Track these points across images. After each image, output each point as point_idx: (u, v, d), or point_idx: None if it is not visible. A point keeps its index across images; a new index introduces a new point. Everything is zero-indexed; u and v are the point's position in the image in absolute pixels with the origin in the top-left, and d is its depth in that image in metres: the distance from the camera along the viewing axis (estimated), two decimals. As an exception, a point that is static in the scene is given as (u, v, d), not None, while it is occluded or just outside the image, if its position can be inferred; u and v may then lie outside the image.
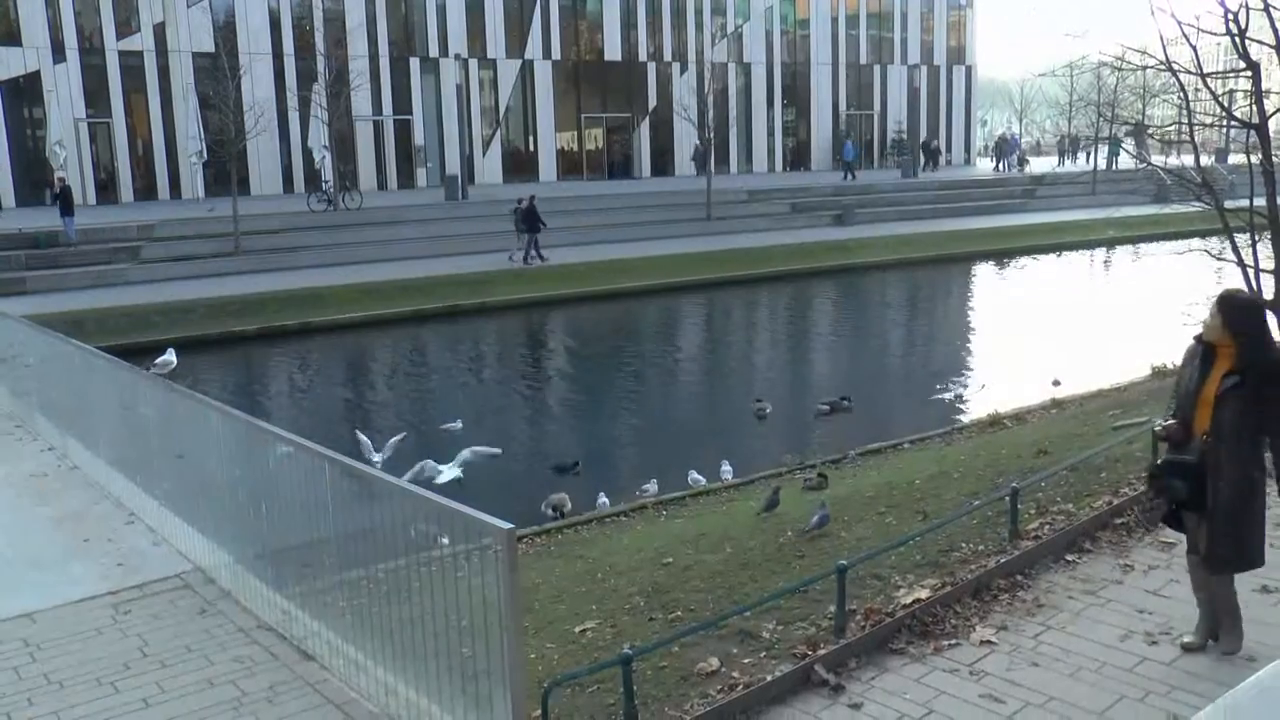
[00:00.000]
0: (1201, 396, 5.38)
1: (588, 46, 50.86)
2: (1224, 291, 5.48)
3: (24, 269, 27.15)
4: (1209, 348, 5.40)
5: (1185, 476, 5.42)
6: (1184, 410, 5.48)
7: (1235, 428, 5.25)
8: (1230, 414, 5.25)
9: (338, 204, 34.82)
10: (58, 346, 11.16)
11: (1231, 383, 5.25)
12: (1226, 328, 5.30)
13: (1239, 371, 5.24)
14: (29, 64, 39.17)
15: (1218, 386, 5.30)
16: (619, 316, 27.04)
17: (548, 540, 10.13)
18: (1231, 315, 5.31)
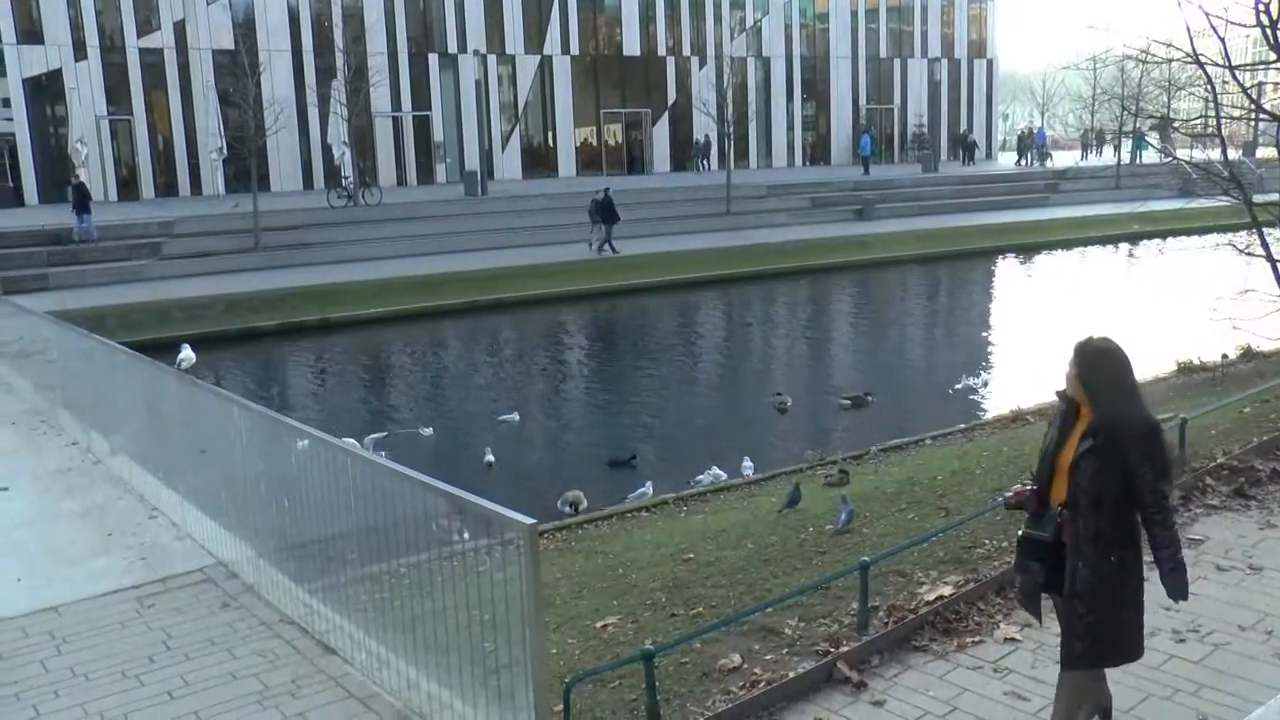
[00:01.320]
0: (1058, 461, 4.52)
1: (606, 41, 50.85)
2: (1082, 339, 4.59)
3: (46, 265, 27.33)
4: (1071, 404, 4.55)
5: (1041, 556, 4.57)
6: (1041, 477, 4.62)
7: (1093, 499, 4.34)
8: (1086, 482, 4.35)
9: (357, 200, 34.90)
10: (80, 342, 11.23)
11: (1086, 446, 4.37)
12: (1079, 380, 4.47)
13: (1092, 433, 4.38)
14: (51, 62, 39.42)
15: (1075, 450, 4.43)
16: (637, 312, 27.02)
17: (568, 535, 10.12)
18: (1082, 366, 4.47)
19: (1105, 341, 4.51)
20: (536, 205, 36.24)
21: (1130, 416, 4.33)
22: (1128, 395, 4.40)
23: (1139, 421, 4.32)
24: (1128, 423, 4.30)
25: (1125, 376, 4.44)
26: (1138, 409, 4.37)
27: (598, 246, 30.97)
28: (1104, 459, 4.30)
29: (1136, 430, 4.29)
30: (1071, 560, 4.43)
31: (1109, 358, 4.44)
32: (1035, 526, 4.61)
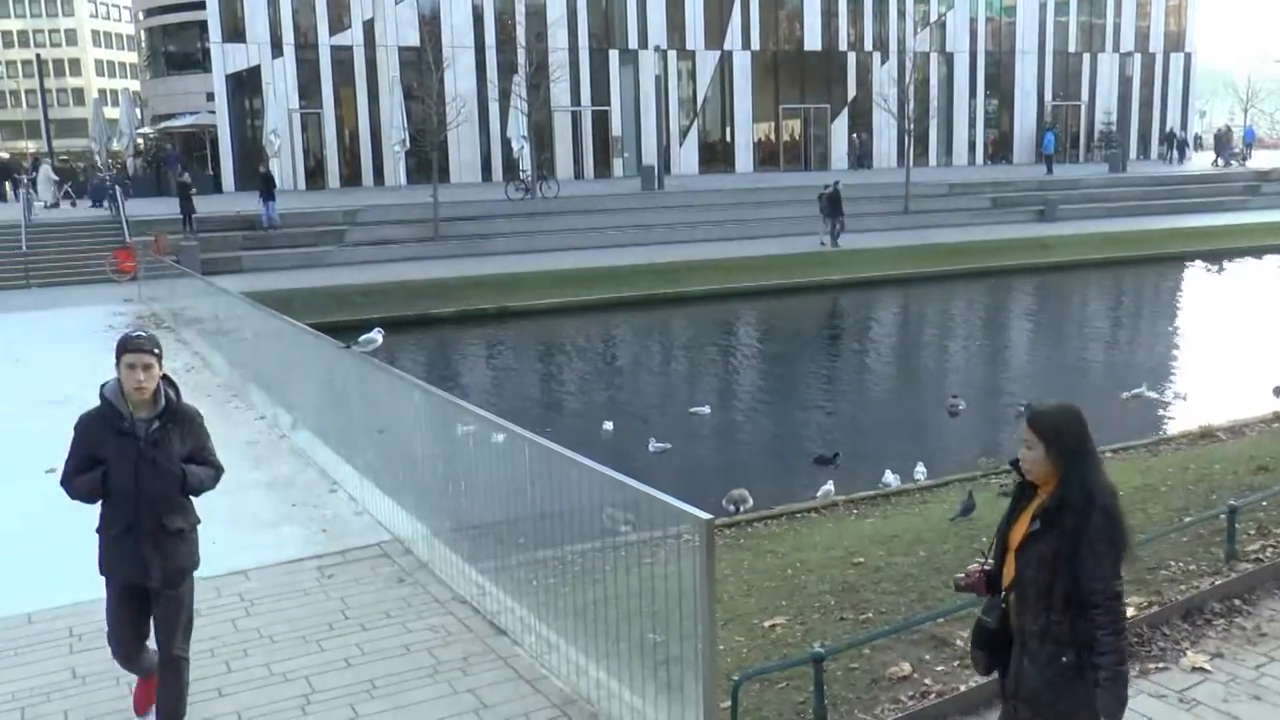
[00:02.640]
0: (1008, 540, 3.83)
1: (787, 36, 50.50)
2: (1034, 408, 3.84)
3: (240, 249, 28.88)
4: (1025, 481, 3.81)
5: (984, 644, 3.96)
6: (996, 556, 3.92)
7: (1043, 588, 3.65)
8: (1034, 570, 3.68)
9: (535, 192, 35.58)
10: (270, 322, 11.77)
11: (1036, 526, 3.68)
12: (1049, 453, 3.66)
13: (1046, 511, 3.66)
14: (251, 59, 41.63)
15: (1025, 530, 3.74)
16: (812, 309, 26.73)
17: (738, 532, 10.06)
18: (1051, 436, 3.67)
19: (1064, 406, 3.80)
20: (714, 200, 36.27)
21: (1100, 491, 3.62)
22: (1096, 465, 3.70)
23: (1106, 498, 3.61)
24: (1096, 500, 3.59)
25: (1090, 442, 3.72)
26: (1106, 482, 3.68)
27: (830, 240, 31.31)
28: (1058, 542, 3.59)
29: (1102, 508, 3.58)
30: (1016, 658, 3.80)
31: (1076, 423, 3.71)
32: (984, 611, 3.96)
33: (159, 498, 4.81)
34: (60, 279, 26.46)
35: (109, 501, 4.84)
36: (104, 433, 4.77)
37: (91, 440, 4.81)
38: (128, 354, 4.77)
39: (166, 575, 4.90)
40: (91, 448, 4.80)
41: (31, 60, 77.55)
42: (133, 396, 4.78)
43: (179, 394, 4.97)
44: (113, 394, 4.82)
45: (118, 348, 4.82)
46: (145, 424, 4.78)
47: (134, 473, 4.74)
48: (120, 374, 4.80)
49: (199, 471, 4.97)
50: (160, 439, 4.80)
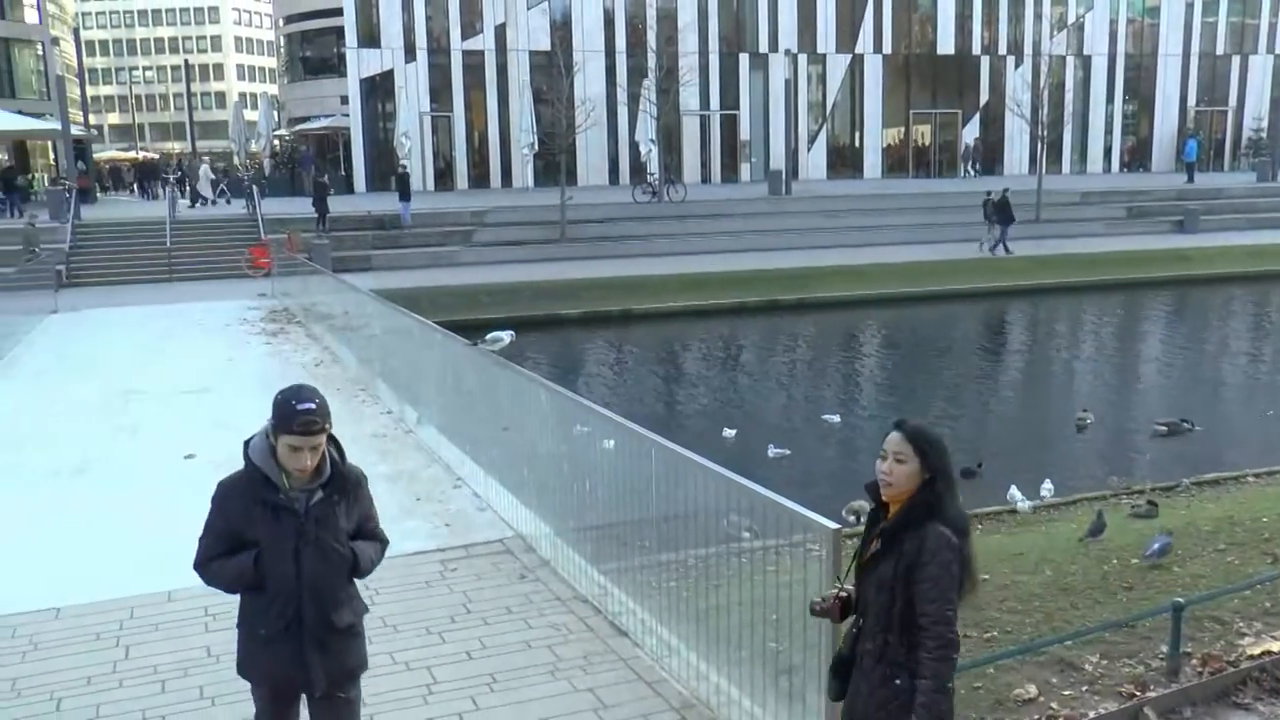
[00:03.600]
0: (859, 564, 3.68)
1: (919, 39, 49.74)
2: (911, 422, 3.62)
3: (370, 248, 29.65)
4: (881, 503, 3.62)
5: (837, 670, 3.77)
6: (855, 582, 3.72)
7: (882, 608, 3.50)
8: (874, 592, 3.54)
9: (662, 196, 35.71)
10: (399, 320, 12.04)
11: (878, 548, 3.54)
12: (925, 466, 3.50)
13: (890, 531, 3.52)
14: (384, 63, 42.77)
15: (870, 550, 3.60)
16: (936, 319, 26.25)
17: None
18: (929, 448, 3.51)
19: (931, 425, 3.65)
20: (841, 206, 35.94)
21: (948, 514, 3.47)
22: (954, 489, 3.56)
23: (951, 522, 3.46)
24: (940, 521, 3.43)
25: (952, 463, 3.59)
26: (958, 508, 3.54)
27: (990, 247, 31.05)
28: (897, 563, 3.44)
29: (942, 532, 3.41)
30: (855, 680, 3.65)
31: (943, 442, 3.59)
32: (844, 639, 3.82)
33: (326, 587, 3.85)
34: (200, 274, 27.55)
35: (259, 593, 3.84)
36: (253, 506, 3.78)
37: (236, 515, 3.81)
38: (293, 435, 3.69)
39: (333, 680, 3.98)
40: (236, 524, 3.81)
41: (179, 66, 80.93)
42: (294, 476, 3.78)
43: (343, 453, 3.95)
44: (263, 459, 3.77)
45: (279, 418, 3.72)
46: (306, 496, 3.80)
47: (294, 557, 3.77)
48: (277, 447, 3.75)
49: (369, 550, 4.02)
50: (325, 515, 3.83)
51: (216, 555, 3.86)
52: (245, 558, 3.79)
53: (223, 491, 3.87)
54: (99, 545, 7.93)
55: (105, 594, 6.90)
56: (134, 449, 10.75)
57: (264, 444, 3.79)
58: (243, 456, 3.83)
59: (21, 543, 8.03)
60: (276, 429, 3.71)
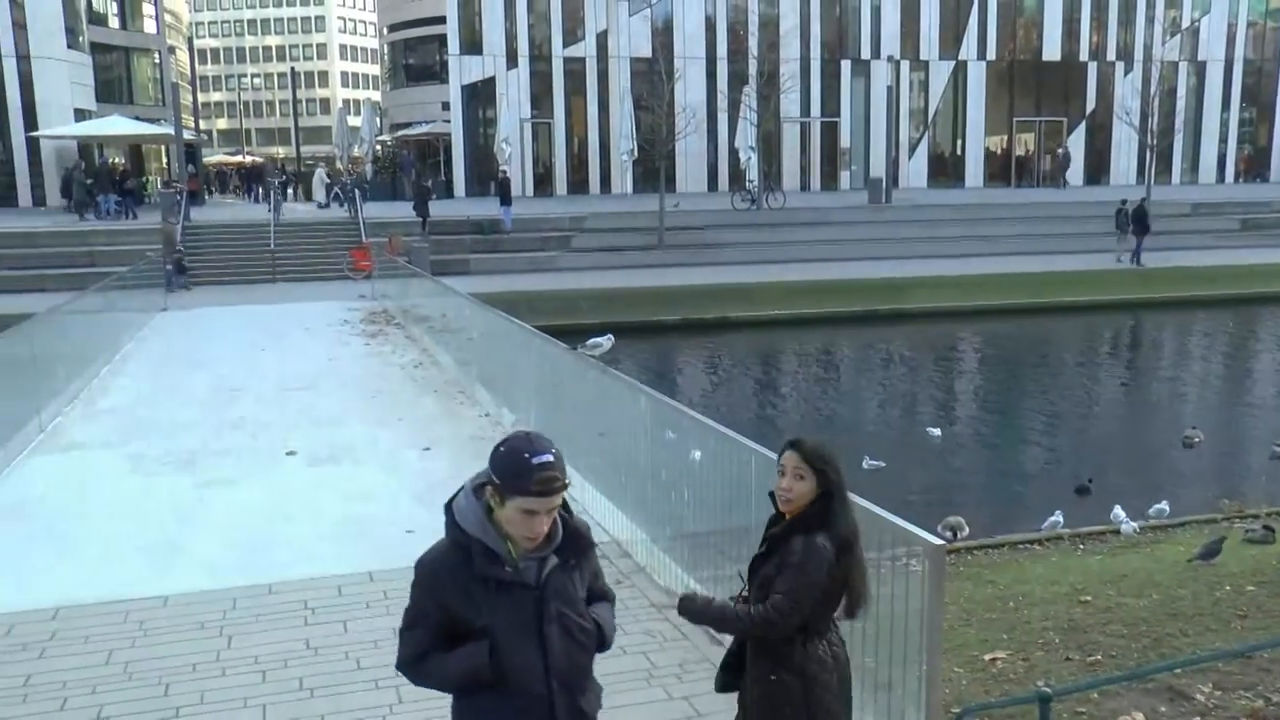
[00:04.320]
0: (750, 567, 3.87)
1: (1024, 45, 48.78)
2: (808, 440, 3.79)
3: (469, 252, 30.04)
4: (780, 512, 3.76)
5: (728, 668, 3.95)
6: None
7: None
8: (756, 590, 3.72)
9: (761, 204, 35.57)
10: (498, 323, 12.14)
11: (762, 549, 3.78)
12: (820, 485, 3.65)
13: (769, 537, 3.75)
14: (486, 70, 43.36)
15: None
16: (1037, 332, 25.70)
17: (956, 559, 9.75)
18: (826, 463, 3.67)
19: (825, 441, 3.81)
20: (942, 215, 35.48)
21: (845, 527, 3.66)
22: (847, 503, 3.75)
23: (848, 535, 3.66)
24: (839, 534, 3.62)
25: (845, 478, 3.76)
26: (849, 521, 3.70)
27: (1130, 257, 30.60)
28: (778, 565, 3.61)
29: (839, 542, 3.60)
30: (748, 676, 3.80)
31: (838, 458, 3.75)
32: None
33: (576, 674, 3.11)
34: (302, 275, 28.20)
35: (493, 693, 3.03)
36: (472, 585, 2.96)
37: (453, 598, 2.98)
38: (529, 497, 2.88)
39: None
40: (455, 609, 2.99)
41: (286, 73, 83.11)
42: (521, 543, 2.98)
43: (569, 507, 3.13)
44: (480, 526, 2.97)
45: (510, 476, 2.89)
46: (537, 564, 3.02)
47: (539, 643, 3.00)
48: (500, 511, 2.94)
49: (608, 615, 3.30)
50: (563, 585, 3.07)
51: (431, 648, 3.03)
52: (477, 650, 2.96)
53: (429, 571, 3.03)
54: (204, 536, 8.13)
55: (209, 584, 7.07)
56: (238, 443, 11.02)
57: (476, 507, 2.97)
58: (447, 525, 3.02)
59: (133, 529, 8.28)
60: (505, 490, 2.89)
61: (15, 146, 40.57)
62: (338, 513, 8.61)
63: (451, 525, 3.01)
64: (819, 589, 3.57)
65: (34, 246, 28.51)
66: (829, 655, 3.71)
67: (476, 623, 2.97)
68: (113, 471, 10.06)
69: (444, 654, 3.01)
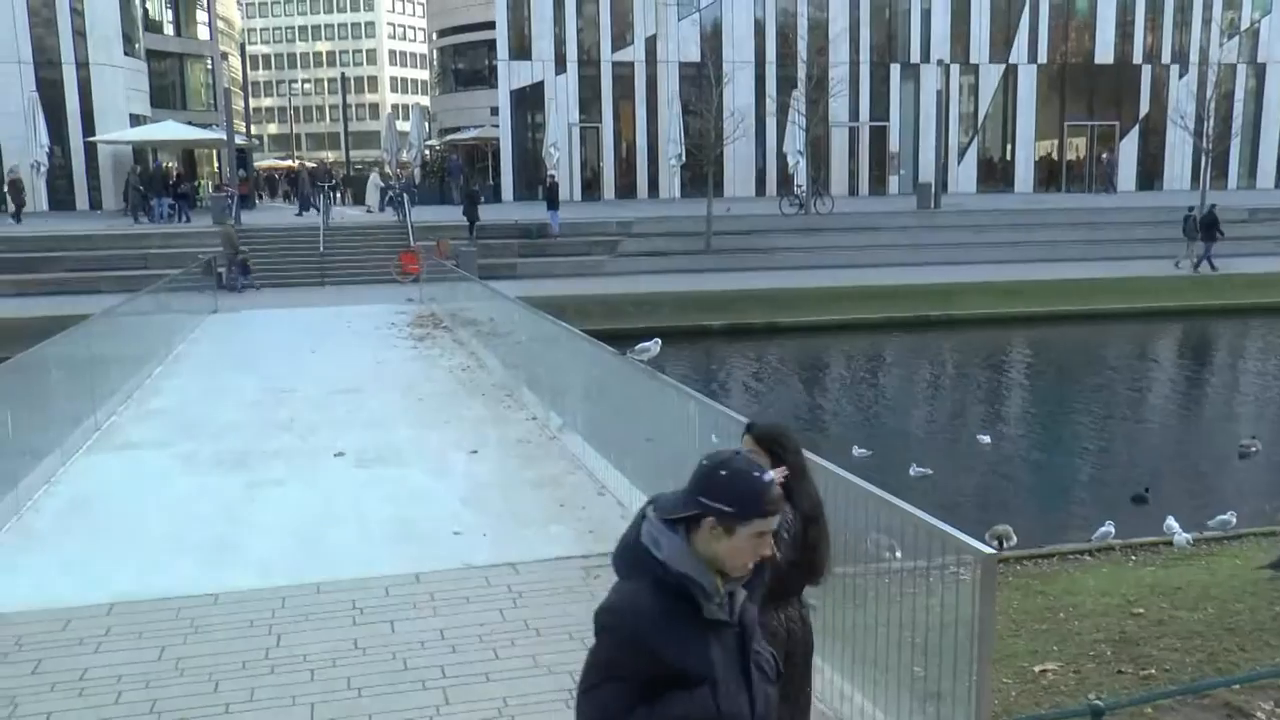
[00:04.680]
0: None
1: (1076, 48, 48.15)
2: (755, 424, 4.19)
3: (516, 256, 30.18)
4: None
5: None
6: None
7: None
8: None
9: (809, 208, 35.43)
10: (545, 327, 12.17)
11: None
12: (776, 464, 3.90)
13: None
14: (535, 75, 43.53)
15: None
16: (1089, 339, 25.34)
17: (1005, 569, 9.62)
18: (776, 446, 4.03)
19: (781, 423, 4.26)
20: (992, 221, 35.08)
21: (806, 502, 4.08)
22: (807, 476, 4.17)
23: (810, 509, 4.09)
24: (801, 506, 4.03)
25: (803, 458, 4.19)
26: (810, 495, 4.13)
27: (1194, 263, 30.27)
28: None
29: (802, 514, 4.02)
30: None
31: (794, 438, 4.17)
32: None
33: (769, 714, 2.77)
34: (351, 278, 28.45)
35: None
36: (685, 629, 2.57)
37: (663, 645, 2.54)
38: (766, 518, 2.60)
39: None
40: (670, 659, 2.54)
41: (336, 78, 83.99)
42: (734, 574, 2.63)
43: None
44: (690, 563, 2.58)
45: (747, 500, 2.57)
46: (729, 598, 2.66)
47: (746, 686, 2.67)
48: (729, 540, 2.57)
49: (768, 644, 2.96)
50: (752, 619, 2.76)
51: (632, 707, 2.58)
52: (701, 698, 2.57)
53: (633, 619, 2.57)
54: (254, 535, 8.22)
55: (259, 583, 7.15)
56: (287, 444, 11.13)
57: (679, 541, 2.60)
58: (641, 565, 2.61)
59: (185, 528, 8.40)
60: (740, 516, 2.56)
61: (74, 151, 41.30)
62: (385, 514, 8.67)
63: (654, 564, 2.59)
64: (786, 561, 3.72)
65: (90, 249, 28.99)
66: (783, 628, 3.94)
67: (693, 669, 2.58)
68: (165, 471, 10.20)
69: (650, 708, 2.58)
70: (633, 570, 2.63)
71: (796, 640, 3.99)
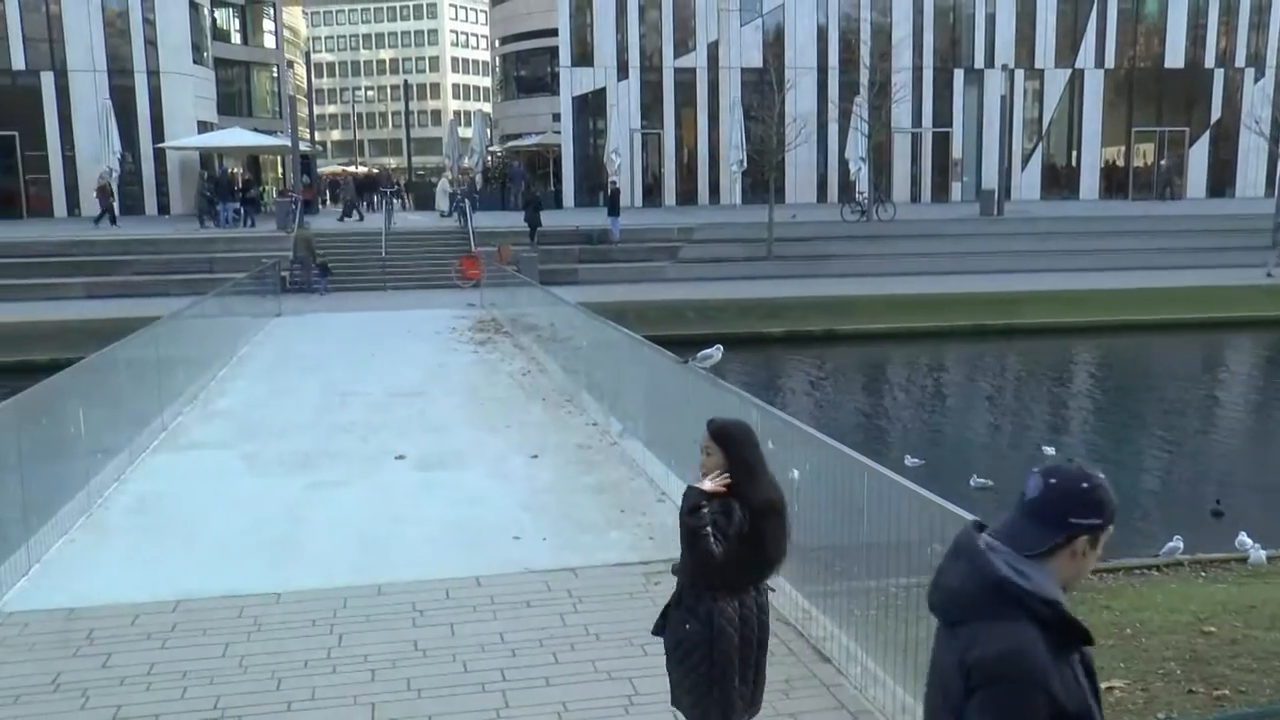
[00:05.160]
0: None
1: (1145, 52, 47.26)
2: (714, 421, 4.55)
3: (577, 262, 30.28)
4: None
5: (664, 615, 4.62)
6: None
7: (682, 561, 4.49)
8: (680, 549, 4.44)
9: (870, 215, 35.17)
10: (607, 332, 12.17)
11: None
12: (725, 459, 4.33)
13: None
14: (597, 81, 43.66)
15: None
16: (1156, 349, 24.82)
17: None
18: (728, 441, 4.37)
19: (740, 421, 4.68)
20: (1056, 228, 34.57)
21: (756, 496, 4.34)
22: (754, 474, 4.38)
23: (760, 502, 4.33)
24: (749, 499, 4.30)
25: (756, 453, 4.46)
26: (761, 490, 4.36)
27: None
28: None
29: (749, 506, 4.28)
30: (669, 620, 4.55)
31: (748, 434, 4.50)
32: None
33: None
34: (412, 283, 28.72)
35: None
36: (1062, 664, 2.35)
37: (1059, 688, 2.31)
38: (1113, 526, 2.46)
39: None
40: (1060, 700, 2.31)
41: (399, 85, 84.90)
42: (1077, 586, 2.51)
43: None
44: (1054, 588, 2.40)
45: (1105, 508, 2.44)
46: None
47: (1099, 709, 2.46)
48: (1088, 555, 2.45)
49: None
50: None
51: None
52: None
53: (1032, 664, 2.30)
54: (316, 536, 8.31)
55: (321, 583, 7.22)
56: (349, 446, 11.24)
57: (1046, 569, 2.40)
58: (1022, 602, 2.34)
59: (248, 527, 8.51)
60: (1107, 522, 2.44)
61: (144, 157, 42.16)
62: (446, 517, 8.72)
63: (1027, 597, 2.35)
64: (734, 555, 4.15)
65: (158, 253, 29.58)
66: (737, 614, 4.26)
67: (1076, 707, 2.36)
68: (229, 470, 10.36)
69: None
70: (1002, 609, 2.36)
71: (752, 626, 4.31)
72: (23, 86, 41.03)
